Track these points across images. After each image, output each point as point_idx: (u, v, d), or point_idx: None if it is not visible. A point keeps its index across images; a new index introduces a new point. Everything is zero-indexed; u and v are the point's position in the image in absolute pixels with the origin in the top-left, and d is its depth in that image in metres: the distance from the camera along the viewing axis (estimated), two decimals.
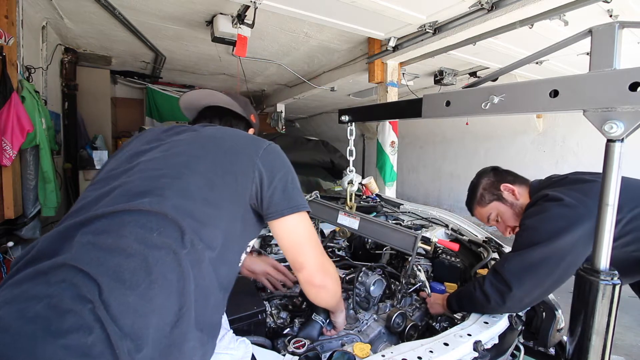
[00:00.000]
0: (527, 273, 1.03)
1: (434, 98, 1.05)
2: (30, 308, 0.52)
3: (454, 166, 8.01)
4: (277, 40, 4.56)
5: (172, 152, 0.81)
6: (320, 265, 0.88)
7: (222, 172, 0.78)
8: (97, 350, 0.51)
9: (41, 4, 3.51)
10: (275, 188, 0.82)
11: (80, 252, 0.60)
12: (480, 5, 3.09)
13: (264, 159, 0.83)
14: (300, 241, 0.85)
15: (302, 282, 0.89)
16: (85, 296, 0.54)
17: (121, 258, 0.60)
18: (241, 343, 0.84)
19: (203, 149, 0.82)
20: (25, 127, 2.68)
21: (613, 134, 0.67)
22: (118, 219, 0.65)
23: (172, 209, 0.68)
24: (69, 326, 0.51)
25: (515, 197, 1.31)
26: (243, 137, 0.91)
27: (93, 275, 0.57)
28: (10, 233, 2.29)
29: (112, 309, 0.55)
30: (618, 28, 0.69)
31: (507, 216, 1.34)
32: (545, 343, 1.20)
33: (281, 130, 7.78)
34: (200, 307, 0.66)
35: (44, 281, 0.56)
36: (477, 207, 1.39)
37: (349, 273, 1.48)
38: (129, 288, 0.58)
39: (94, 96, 5.60)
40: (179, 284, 0.62)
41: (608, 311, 0.72)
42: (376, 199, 2.41)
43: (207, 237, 0.70)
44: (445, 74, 5.30)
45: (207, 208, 0.73)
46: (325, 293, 0.91)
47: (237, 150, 0.84)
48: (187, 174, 0.75)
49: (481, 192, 1.37)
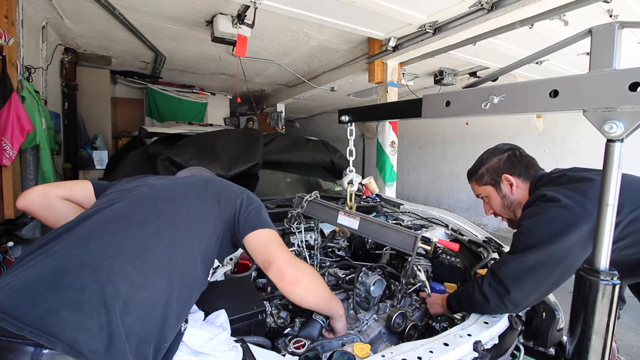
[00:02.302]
0: (524, 276, 1.02)
1: (434, 98, 1.05)
2: (35, 272, 0.64)
3: (454, 166, 8.00)
4: (277, 40, 4.56)
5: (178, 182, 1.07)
6: (289, 260, 0.94)
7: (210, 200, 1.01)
8: (87, 307, 0.61)
9: (41, 4, 3.51)
10: (250, 212, 1.01)
11: (88, 233, 0.76)
12: (480, 5, 3.09)
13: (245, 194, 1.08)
14: (269, 243, 0.97)
15: (274, 279, 0.92)
16: (86, 262, 0.67)
17: (126, 236, 0.76)
18: (233, 349, 0.83)
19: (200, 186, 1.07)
20: (25, 127, 2.68)
21: (613, 134, 0.67)
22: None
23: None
24: (66, 284, 0.63)
25: (511, 191, 1.30)
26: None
27: (100, 246, 0.71)
28: (10, 233, 2.29)
29: (114, 274, 0.67)
30: (618, 28, 0.69)
31: (495, 204, 1.35)
32: (545, 343, 1.20)
33: (281, 130, 7.78)
34: (183, 297, 0.79)
35: (50, 255, 0.69)
36: (473, 182, 1.41)
37: (349, 273, 1.48)
38: (128, 259, 0.71)
39: (94, 96, 5.60)
40: (168, 269, 0.77)
41: (608, 311, 0.72)
42: (376, 199, 2.41)
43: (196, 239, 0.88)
44: (445, 74, 5.30)
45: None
46: (303, 289, 0.93)
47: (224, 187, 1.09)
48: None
49: (483, 171, 1.36)
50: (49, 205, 1.04)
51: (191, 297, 0.85)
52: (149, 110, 6.71)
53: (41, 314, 0.57)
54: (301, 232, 1.63)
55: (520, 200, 1.29)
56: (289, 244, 1.71)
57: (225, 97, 8.00)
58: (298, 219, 1.62)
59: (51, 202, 1.04)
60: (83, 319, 0.59)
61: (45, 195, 1.04)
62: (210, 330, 0.85)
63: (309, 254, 1.66)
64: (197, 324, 0.86)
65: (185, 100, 7.10)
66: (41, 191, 1.05)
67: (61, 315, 0.58)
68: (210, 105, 7.54)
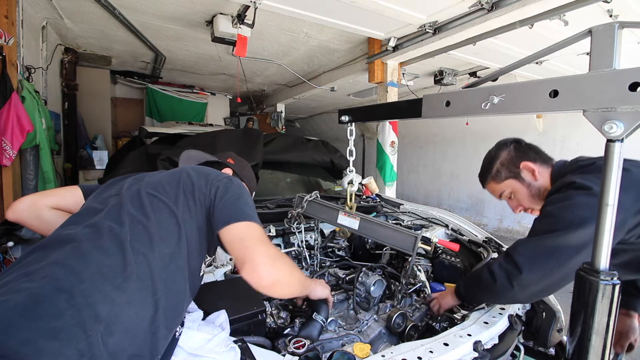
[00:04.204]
0: (539, 258, 0.97)
1: (434, 98, 1.05)
2: (12, 299, 0.61)
3: (454, 166, 8.01)
4: (277, 40, 4.56)
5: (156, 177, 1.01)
6: (265, 260, 0.83)
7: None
8: (64, 334, 0.59)
9: (41, 4, 3.51)
10: (225, 203, 0.93)
11: (64, 253, 0.72)
12: (480, 5, 3.09)
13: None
14: (240, 239, 0.87)
15: (249, 282, 0.83)
16: (63, 287, 0.64)
17: (102, 256, 0.72)
18: (231, 350, 0.82)
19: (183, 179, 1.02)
20: (25, 127, 2.69)
21: (613, 134, 0.67)
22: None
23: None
24: (42, 312, 0.60)
25: (535, 177, 1.21)
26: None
27: (77, 269, 0.68)
28: (10, 233, 2.29)
29: (91, 297, 0.65)
30: (618, 28, 0.69)
31: (522, 196, 1.24)
32: (545, 343, 1.20)
33: (281, 130, 7.78)
34: (170, 307, 0.77)
35: (27, 279, 0.66)
36: (491, 182, 1.29)
37: (349, 273, 1.48)
38: (107, 280, 0.69)
39: (94, 96, 5.60)
40: (151, 282, 0.74)
41: (608, 311, 0.72)
42: (376, 199, 2.41)
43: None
44: (445, 74, 5.30)
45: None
46: (282, 287, 0.86)
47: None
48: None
49: (498, 167, 1.26)
50: (38, 215, 1.02)
51: (181, 305, 0.83)
52: (149, 110, 6.71)
53: (16, 343, 0.56)
54: (301, 232, 1.63)
55: (547, 186, 1.21)
56: (288, 244, 1.71)
57: (225, 97, 8.01)
58: (298, 219, 1.62)
59: (40, 212, 1.03)
60: (59, 347, 0.58)
61: (35, 206, 1.03)
62: (208, 330, 0.85)
63: (309, 253, 1.66)
64: (195, 325, 0.86)
65: (185, 100, 7.10)
66: (30, 201, 1.03)
67: (37, 344, 0.57)
68: (210, 105, 7.55)
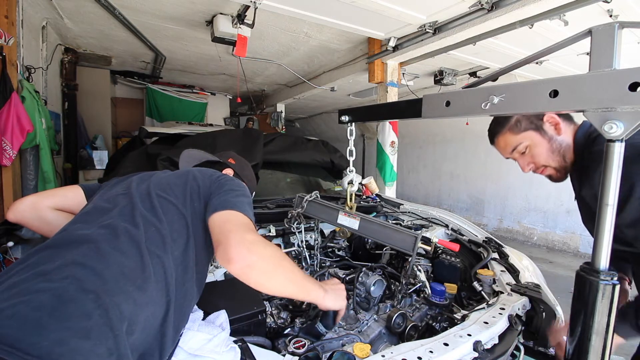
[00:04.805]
0: None
1: (434, 98, 1.05)
2: (34, 299, 0.60)
3: (454, 166, 8.01)
4: (277, 40, 4.56)
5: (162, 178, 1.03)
6: (241, 241, 0.78)
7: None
8: (95, 333, 0.60)
9: (41, 4, 3.51)
10: (218, 195, 0.94)
11: (81, 254, 0.71)
12: (480, 5, 3.09)
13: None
14: (223, 223, 0.85)
15: (221, 263, 0.80)
16: (87, 287, 0.64)
17: (121, 257, 0.73)
18: (231, 350, 0.83)
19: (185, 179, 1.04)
20: (25, 127, 2.69)
21: (613, 134, 0.67)
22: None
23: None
24: (71, 312, 0.61)
25: (558, 131, 1.12)
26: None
27: (98, 270, 0.68)
28: (10, 233, 2.29)
29: (116, 297, 0.66)
30: (618, 28, 0.69)
31: (540, 150, 1.13)
32: (545, 343, 1.20)
33: (281, 130, 7.78)
34: (179, 308, 0.78)
35: (45, 279, 0.65)
36: (507, 133, 1.17)
37: (349, 273, 1.48)
38: (129, 281, 0.70)
39: (94, 96, 5.60)
40: (165, 283, 0.76)
41: (608, 311, 0.72)
42: (376, 199, 2.41)
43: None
44: (445, 74, 5.30)
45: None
46: (258, 273, 0.78)
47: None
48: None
49: (519, 116, 1.14)
50: (39, 216, 1.01)
51: (189, 305, 0.84)
52: (149, 110, 6.71)
53: (49, 344, 0.56)
54: (301, 232, 1.63)
55: (569, 143, 1.12)
56: (288, 244, 1.71)
57: (225, 97, 8.01)
58: (298, 219, 1.62)
59: (41, 213, 1.01)
60: (92, 346, 0.59)
61: (36, 207, 1.01)
62: (208, 331, 0.85)
63: (309, 253, 1.66)
64: (195, 325, 0.86)
65: (185, 100, 7.11)
66: (31, 202, 1.02)
67: (70, 344, 0.58)
68: (210, 105, 7.55)
